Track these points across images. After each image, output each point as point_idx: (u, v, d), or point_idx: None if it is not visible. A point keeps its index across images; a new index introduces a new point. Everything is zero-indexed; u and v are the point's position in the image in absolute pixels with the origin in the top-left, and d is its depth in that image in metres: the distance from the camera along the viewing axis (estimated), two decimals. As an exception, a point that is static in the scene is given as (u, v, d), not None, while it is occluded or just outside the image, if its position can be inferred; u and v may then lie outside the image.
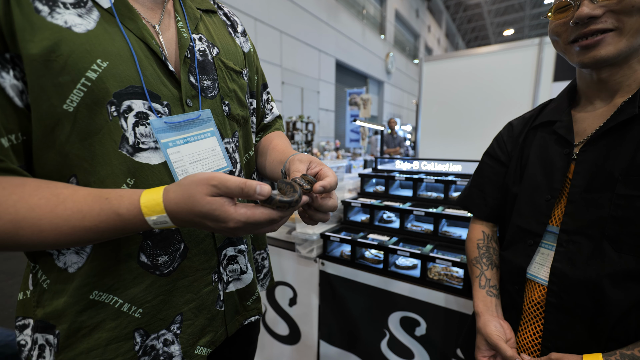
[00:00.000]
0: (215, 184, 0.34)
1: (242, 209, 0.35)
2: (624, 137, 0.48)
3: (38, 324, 0.41)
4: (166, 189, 0.37)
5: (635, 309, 0.45)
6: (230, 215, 0.35)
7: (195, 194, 0.34)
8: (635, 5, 0.44)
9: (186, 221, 0.36)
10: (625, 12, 0.45)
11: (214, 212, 0.34)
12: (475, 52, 2.54)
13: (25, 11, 0.34)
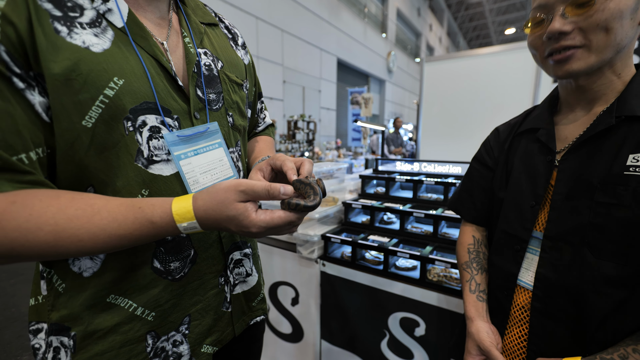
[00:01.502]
0: (243, 190, 0.38)
1: (262, 215, 0.39)
2: (602, 146, 0.50)
3: (53, 327, 0.43)
4: (194, 197, 0.39)
5: (615, 313, 0.47)
6: (252, 222, 0.38)
7: (224, 200, 0.38)
8: (599, 25, 0.46)
9: (213, 226, 0.39)
10: (591, 30, 0.47)
11: (238, 217, 0.38)
12: (476, 53, 2.54)
13: (46, 32, 0.36)
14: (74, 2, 0.39)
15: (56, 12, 0.37)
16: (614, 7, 0.45)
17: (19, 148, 0.36)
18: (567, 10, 0.48)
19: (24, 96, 0.36)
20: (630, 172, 0.47)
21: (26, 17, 0.35)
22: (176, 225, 0.38)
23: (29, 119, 0.37)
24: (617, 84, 0.51)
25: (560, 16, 0.48)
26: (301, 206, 0.39)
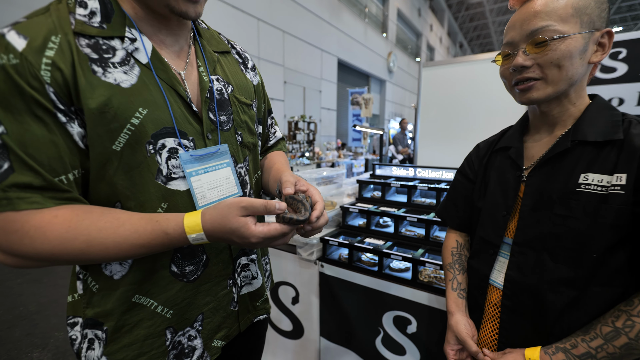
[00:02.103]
0: (244, 205, 0.44)
1: (260, 227, 0.45)
2: (561, 165, 0.57)
3: (88, 322, 0.50)
4: (203, 212, 0.46)
5: (569, 309, 0.54)
6: (252, 233, 0.44)
7: (227, 214, 0.44)
8: (553, 62, 0.53)
9: (218, 237, 0.46)
10: (546, 66, 0.54)
11: (240, 229, 0.44)
12: (473, 59, 2.60)
13: (85, 73, 0.43)
14: (108, 45, 0.46)
15: (94, 55, 0.44)
16: (565, 48, 0.53)
17: (60, 171, 0.43)
18: (528, 49, 0.55)
19: (66, 128, 0.43)
20: (581, 189, 0.54)
21: (70, 63, 0.42)
22: (187, 237, 0.45)
23: (68, 147, 0.44)
24: (573, 111, 0.59)
25: (522, 53, 0.56)
26: (294, 220, 0.46)
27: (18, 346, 1.76)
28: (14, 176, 0.40)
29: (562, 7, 0.53)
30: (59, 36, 0.42)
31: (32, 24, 0.42)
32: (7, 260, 0.43)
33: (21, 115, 0.40)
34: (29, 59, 0.40)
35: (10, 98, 0.40)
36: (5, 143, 0.39)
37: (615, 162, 0.52)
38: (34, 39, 0.41)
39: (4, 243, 0.41)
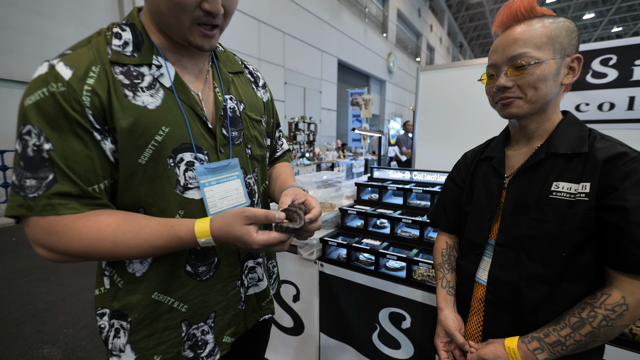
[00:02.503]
0: (247, 215, 0.50)
1: (261, 235, 0.51)
2: (536, 174, 0.64)
3: (115, 313, 0.57)
4: (211, 219, 0.52)
5: (543, 303, 0.60)
6: (254, 240, 0.51)
7: (232, 223, 0.50)
8: (530, 84, 0.60)
9: (224, 242, 0.52)
10: (524, 87, 0.61)
11: (243, 236, 0.50)
12: (470, 63, 2.66)
13: (119, 97, 0.50)
14: (138, 71, 0.53)
15: (126, 81, 0.51)
16: (540, 72, 0.59)
17: (93, 181, 0.50)
18: (509, 71, 0.62)
19: (100, 145, 0.50)
20: (553, 196, 0.60)
21: (107, 89, 0.49)
22: (197, 240, 0.51)
23: (101, 161, 0.51)
24: (548, 126, 0.65)
25: (504, 75, 0.63)
26: (290, 229, 0.53)
27: (29, 342, 1.82)
28: (56, 186, 0.47)
29: (538, 36, 0.59)
30: (98, 66, 0.50)
31: (76, 55, 0.49)
32: (48, 255, 0.50)
33: (65, 134, 0.47)
34: (74, 86, 0.47)
35: (58, 120, 0.47)
36: (52, 158, 0.47)
37: (581, 172, 0.59)
38: (78, 69, 0.48)
39: (46, 242, 0.48)
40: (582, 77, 2.18)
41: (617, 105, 2.10)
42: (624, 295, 0.54)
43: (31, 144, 0.46)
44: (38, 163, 0.47)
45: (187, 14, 0.50)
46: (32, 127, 0.46)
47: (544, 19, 0.60)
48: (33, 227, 0.48)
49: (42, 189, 0.47)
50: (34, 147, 0.46)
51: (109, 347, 0.58)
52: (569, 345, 0.56)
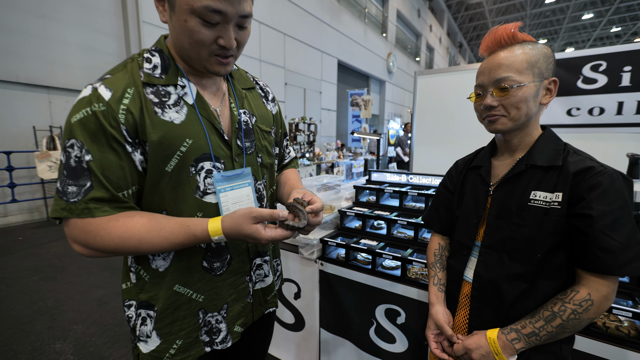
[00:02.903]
0: (254, 216, 0.58)
1: (269, 232, 0.59)
2: (517, 183, 0.71)
3: (142, 304, 0.65)
4: (222, 219, 0.59)
5: (520, 298, 0.68)
6: (262, 236, 0.58)
7: (241, 223, 0.58)
8: (513, 104, 0.67)
9: (235, 239, 0.59)
10: (508, 107, 0.68)
11: (252, 234, 0.58)
12: (465, 68, 2.74)
13: (149, 114, 0.58)
14: (165, 91, 0.61)
15: (155, 99, 0.59)
16: (521, 94, 0.66)
17: (123, 187, 0.58)
18: (494, 92, 0.69)
19: (131, 156, 0.58)
20: (531, 203, 0.67)
21: (139, 107, 0.57)
22: (210, 238, 0.59)
23: (131, 170, 0.58)
24: (529, 141, 0.73)
25: (490, 95, 0.70)
26: (294, 227, 0.61)
27: (40, 338, 1.90)
28: (93, 192, 0.55)
29: (519, 62, 0.66)
30: (133, 88, 0.58)
31: (114, 79, 0.57)
32: (84, 251, 0.57)
33: (103, 147, 0.55)
34: (112, 106, 0.55)
35: (97, 134, 0.54)
36: (90, 167, 0.54)
37: (555, 182, 0.66)
38: (116, 91, 0.56)
39: (83, 240, 0.56)
40: (573, 83, 2.25)
41: (607, 110, 2.17)
42: (590, 292, 0.61)
43: (73, 156, 0.54)
44: (79, 172, 0.54)
45: (206, 48, 0.58)
46: (76, 140, 0.54)
47: (525, 45, 0.67)
48: (72, 227, 0.56)
49: (81, 194, 0.55)
50: (75, 158, 0.54)
51: (137, 334, 0.65)
52: (542, 336, 0.64)
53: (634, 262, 0.58)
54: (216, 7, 0.53)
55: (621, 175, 0.63)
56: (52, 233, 3.97)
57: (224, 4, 0.54)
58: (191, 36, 0.56)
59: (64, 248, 3.45)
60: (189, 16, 0.54)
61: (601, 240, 0.59)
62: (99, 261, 3.09)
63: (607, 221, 0.59)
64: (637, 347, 0.83)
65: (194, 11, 0.53)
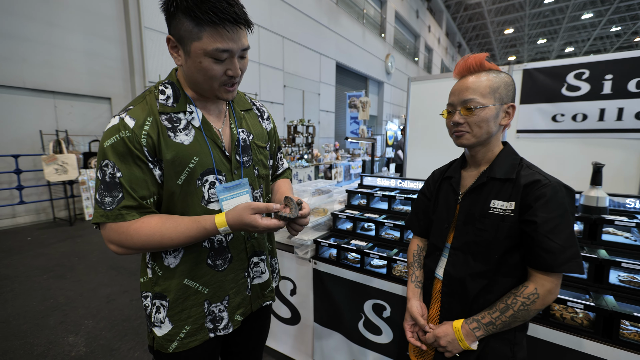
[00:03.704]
0: (252, 208, 0.70)
1: (265, 221, 0.71)
2: (481, 193, 0.81)
3: (156, 295, 0.77)
4: (226, 213, 0.71)
5: (482, 293, 0.78)
6: (259, 224, 0.70)
7: (242, 214, 0.69)
8: (476, 123, 0.78)
9: (237, 228, 0.71)
10: (472, 124, 0.79)
11: (251, 222, 0.69)
12: (456, 74, 2.84)
13: (165, 137, 0.70)
14: (176, 117, 0.73)
15: (169, 125, 0.72)
16: (484, 114, 0.77)
17: (146, 196, 0.70)
18: (462, 111, 0.79)
19: (152, 172, 0.70)
20: (491, 211, 0.78)
21: (157, 132, 0.70)
22: (217, 229, 0.70)
23: (152, 182, 0.71)
24: (491, 155, 0.83)
25: (458, 113, 0.80)
26: (286, 217, 0.73)
27: (54, 332, 2.02)
28: (124, 201, 0.68)
29: (483, 87, 0.77)
30: (151, 117, 0.70)
31: (136, 110, 0.70)
32: (118, 250, 0.70)
33: (130, 165, 0.68)
34: (135, 132, 0.68)
35: (125, 156, 0.67)
36: (121, 182, 0.67)
37: (510, 193, 0.77)
38: (138, 119, 0.69)
39: (117, 240, 0.68)
40: (558, 90, 2.36)
41: (590, 117, 2.29)
42: (537, 287, 0.72)
43: (108, 173, 0.67)
44: (112, 186, 0.67)
45: (217, 80, 0.70)
46: (109, 161, 0.67)
47: (490, 73, 0.78)
48: (108, 230, 0.68)
49: (114, 203, 0.67)
50: (109, 175, 0.67)
51: (152, 320, 0.78)
52: (498, 325, 0.75)
53: (571, 262, 0.69)
54: (224, 47, 0.65)
55: (564, 187, 0.74)
56: (59, 234, 4.10)
57: (230, 43, 0.66)
58: (206, 73, 0.69)
59: (70, 248, 3.58)
60: (203, 58, 0.66)
61: (544, 243, 0.69)
62: (106, 261, 3.22)
63: (549, 227, 0.70)
64: (589, 335, 0.95)
65: (207, 53, 0.66)
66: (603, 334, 0.93)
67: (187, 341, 0.78)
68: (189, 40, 0.65)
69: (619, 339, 0.91)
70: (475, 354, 0.77)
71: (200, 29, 0.64)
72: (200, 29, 0.63)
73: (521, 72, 2.46)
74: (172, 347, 0.77)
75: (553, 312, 1.02)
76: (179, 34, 0.66)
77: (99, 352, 1.84)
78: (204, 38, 0.64)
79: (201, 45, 0.65)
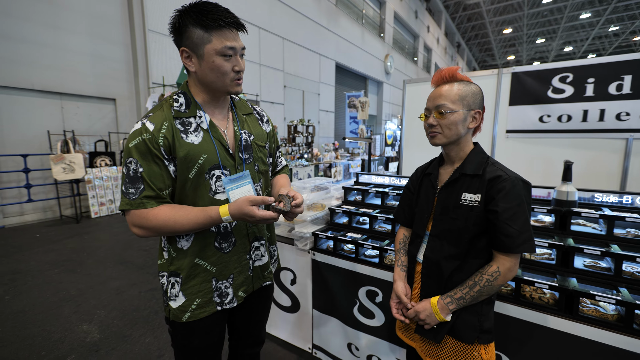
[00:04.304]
0: (251, 200, 0.82)
1: (261, 212, 0.83)
2: (454, 187, 0.94)
3: (171, 273, 0.90)
4: (228, 205, 0.84)
5: (455, 272, 0.91)
6: (257, 215, 0.82)
7: (242, 206, 0.82)
8: (447, 125, 0.90)
9: (238, 218, 0.83)
10: (443, 127, 0.91)
11: (249, 213, 0.82)
12: (449, 77, 2.97)
13: (178, 138, 0.83)
14: (188, 121, 0.86)
15: (181, 128, 0.85)
16: (453, 118, 0.90)
17: (163, 188, 0.83)
18: (435, 115, 0.92)
19: (167, 167, 0.83)
20: (462, 202, 0.91)
21: (172, 134, 0.83)
22: (221, 218, 0.83)
23: (168, 177, 0.84)
24: (462, 154, 0.95)
25: (432, 117, 0.93)
26: (280, 210, 0.85)
27: (69, 321, 2.15)
28: (144, 192, 0.81)
29: (453, 95, 0.90)
30: (167, 121, 0.83)
31: (155, 116, 0.83)
32: (139, 232, 0.82)
33: (149, 162, 0.81)
34: (154, 134, 0.80)
35: (146, 154, 0.80)
36: (142, 176, 0.80)
37: (477, 187, 0.89)
38: (157, 124, 0.82)
39: (139, 223, 0.81)
40: (544, 92, 2.49)
41: (574, 117, 2.42)
42: (499, 265, 0.85)
43: (132, 169, 0.80)
44: (135, 179, 0.80)
45: (228, 76, 0.84)
46: (133, 159, 0.80)
47: (460, 84, 0.91)
48: (132, 215, 0.82)
49: (137, 194, 0.80)
50: (133, 170, 0.80)
51: (168, 295, 0.90)
52: (468, 299, 0.87)
53: (525, 244, 0.82)
54: (231, 45, 0.81)
55: (521, 181, 0.87)
56: (66, 231, 4.23)
57: (234, 42, 0.81)
58: (218, 70, 0.82)
59: (79, 244, 3.72)
60: (215, 57, 0.81)
61: (504, 228, 0.82)
62: (113, 256, 3.35)
63: (508, 215, 0.82)
64: (554, 312, 1.07)
65: (218, 52, 0.80)
66: (565, 311, 1.06)
67: (197, 312, 0.90)
68: (201, 44, 0.80)
69: (579, 314, 1.04)
70: (449, 325, 0.90)
71: (210, 34, 0.79)
72: (210, 33, 0.79)
73: (510, 75, 2.58)
74: (185, 317, 0.90)
75: (524, 293, 1.15)
76: (192, 42, 0.80)
77: (112, 338, 1.97)
78: (213, 40, 0.79)
79: (212, 46, 0.79)
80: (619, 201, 1.36)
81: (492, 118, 2.68)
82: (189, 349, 0.94)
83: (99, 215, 4.93)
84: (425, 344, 0.97)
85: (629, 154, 2.23)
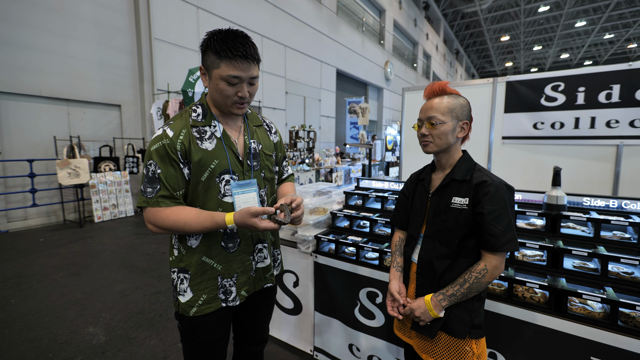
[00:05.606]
0: (252, 212, 0.88)
1: (264, 223, 0.89)
2: (445, 192, 1.01)
3: (181, 270, 0.96)
4: (233, 214, 0.90)
5: (446, 271, 0.97)
6: (259, 226, 0.88)
7: (244, 217, 0.88)
8: (437, 135, 0.97)
9: (241, 226, 0.90)
10: (434, 136, 0.98)
11: (252, 224, 0.88)
12: (446, 85, 3.06)
13: (194, 144, 0.91)
14: (203, 129, 0.94)
15: (197, 135, 0.92)
16: (443, 129, 0.97)
17: (177, 189, 0.90)
18: (427, 125, 0.99)
19: (182, 170, 0.90)
20: (452, 206, 0.98)
21: (188, 141, 0.90)
22: (226, 225, 0.89)
23: (182, 179, 0.91)
24: (452, 161, 1.03)
25: (424, 127, 1.00)
26: (280, 222, 0.91)
27: (75, 323, 2.20)
28: (161, 192, 0.88)
29: (443, 107, 0.97)
30: (185, 129, 0.91)
31: (175, 124, 0.91)
32: (153, 228, 0.89)
33: (167, 165, 0.88)
34: (173, 140, 0.88)
35: (164, 158, 0.87)
36: (160, 177, 0.87)
37: (466, 191, 0.96)
38: (175, 131, 0.90)
39: (153, 220, 0.88)
40: (537, 100, 2.58)
41: (566, 125, 2.50)
42: (486, 264, 0.91)
43: (151, 170, 0.88)
44: (153, 180, 0.88)
45: (230, 99, 0.91)
46: (153, 161, 0.88)
47: (450, 97, 0.98)
48: (147, 212, 0.89)
49: (154, 193, 0.88)
50: (151, 171, 0.88)
51: (177, 290, 0.97)
52: (459, 296, 0.93)
53: (509, 243, 0.88)
54: (235, 74, 0.87)
55: (505, 185, 0.93)
56: (70, 235, 4.29)
57: (239, 72, 0.87)
58: (221, 93, 0.90)
59: (82, 248, 3.76)
60: (220, 81, 0.88)
61: (489, 229, 0.89)
62: (117, 260, 3.40)
63: (493, 216, 0.89)
64: (545, 311, 1.13)
65: (222, 78, 0.87)
66: (555, 309, 1.12)
67: (203, 307, 0.96)
68: (211, 68, 0.88)
69: (567, 312, 1.10)
70: (442, 321, 0.96)
71: (220, 61, 0.86)
72: (220, 60, 0.86)
73: (504, 84, 2.68)
74: (192, 311, 0.96)
75: (516, 292, 1.21)
76: (206, 64, 0.89)
77: (117, 341, 2.01)
78: (221, 67, 0.86)
79: (219, 72, 0.87)
80: (606, 205, 1.43)
81: (488, 125, 2.76)
82: (197, 343, 1.00)
83: (102, 219, 4.99)
84: (421, 341, 1.03)
85: (619, 160, 2.30)
